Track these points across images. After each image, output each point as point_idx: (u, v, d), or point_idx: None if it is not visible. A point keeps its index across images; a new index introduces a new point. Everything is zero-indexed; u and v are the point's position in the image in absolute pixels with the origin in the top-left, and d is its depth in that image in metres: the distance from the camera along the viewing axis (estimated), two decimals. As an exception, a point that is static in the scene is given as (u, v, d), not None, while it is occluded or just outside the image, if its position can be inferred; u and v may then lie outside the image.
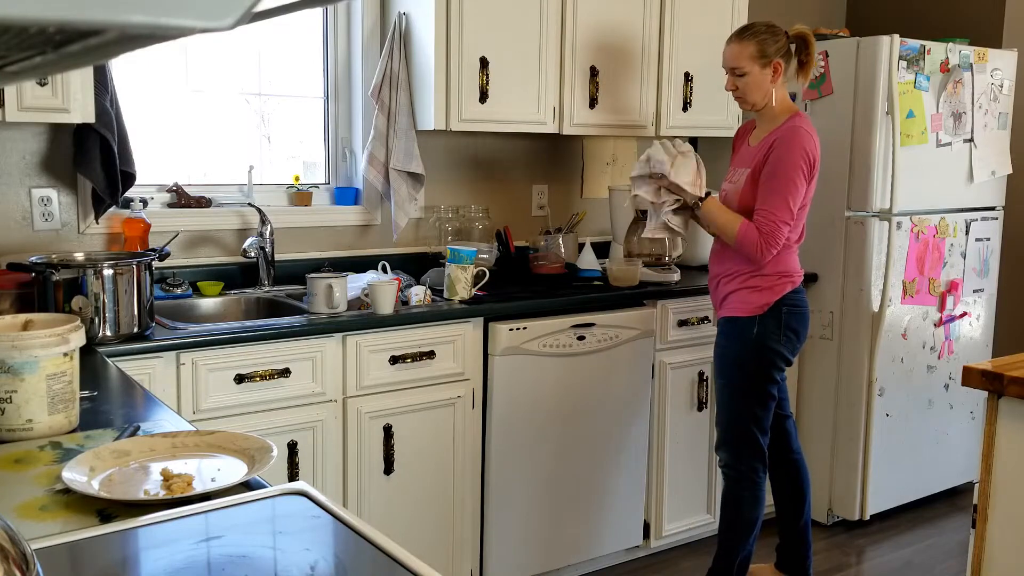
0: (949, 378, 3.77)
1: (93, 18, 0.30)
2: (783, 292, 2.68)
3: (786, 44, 2.67)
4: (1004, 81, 3.77)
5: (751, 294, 2.70)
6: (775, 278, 2.69)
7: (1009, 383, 1.83)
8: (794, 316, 2.72)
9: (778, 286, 2.69)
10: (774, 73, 2.65)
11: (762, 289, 2.69)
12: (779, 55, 2.64)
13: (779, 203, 2.59)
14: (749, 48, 2.64)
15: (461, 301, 2.76)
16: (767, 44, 2.63)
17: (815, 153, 2.64)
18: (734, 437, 2.78)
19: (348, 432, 2.56)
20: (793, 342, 2.74)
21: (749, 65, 2.64)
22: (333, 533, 1.10)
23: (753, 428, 2.77)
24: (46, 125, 2.58)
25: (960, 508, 3.79)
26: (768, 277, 2.69)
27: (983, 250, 3.82)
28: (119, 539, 1.08)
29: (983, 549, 1.91)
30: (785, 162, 2.59)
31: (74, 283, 2.17)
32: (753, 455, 2.78)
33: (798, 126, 2.62)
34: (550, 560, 3.00)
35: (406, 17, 2.97)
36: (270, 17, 0.39)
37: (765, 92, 2.66)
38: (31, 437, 1.47)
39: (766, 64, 2.63)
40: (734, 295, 2.73)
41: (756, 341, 2.69)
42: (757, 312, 2.69)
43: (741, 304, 2.71)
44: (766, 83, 2.65)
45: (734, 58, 2.67)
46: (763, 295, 2.69)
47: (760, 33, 2.65)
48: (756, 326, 2.69)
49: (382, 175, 3.02)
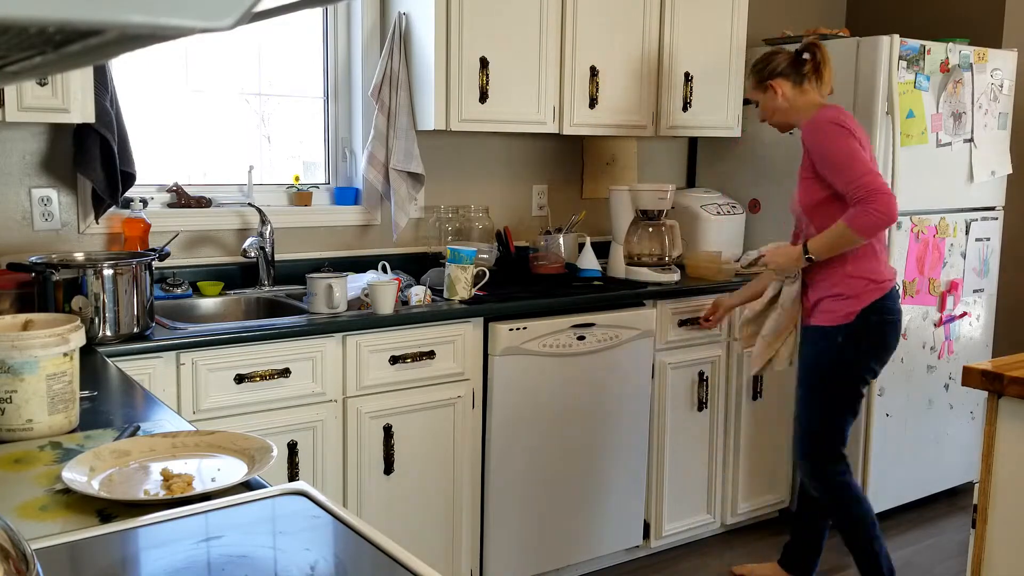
0: (949, 378, 3.77)
1: (93, 18, 0.30)
2: (870, 300, 2.61)
3: (787, 61, 2.77)
4: (1004, 81, 3.77)
5: (836, 302, 2.64)
6: (861, 284, 2.62)
7: (1009, 383, 1.83)
8: (884, 326, 2.64)
9: (865, 293, 2.62)
10: (775, 93, 2.77)
11: (848, 297, 2.62)
12: (774, 76, 2.77)
13: (846, 170, 2.54)
14: (751, 80, 2.87)
15: (461, 301, 2.76)
16: (760, 72, 2.80)
17: (844, 121, 2.62)
18: (812, 450, 2.72)
19: (348, 432, 2.56)
20: (882, 353, 2.66)
21: (755, 94, 2.86)
22: (333, 533, 1.10)
23: (833, 441, 2.71)
24: (46, 125, 2.58)
25: (960, 508, 3.79)
26: (853, 283, 2.62)
27: (983, 250, 3.82)
28: (119, 539, 1.08)
29: (983, 549, 1.91)
30: (823, 141, 2.61)
31: (74, 283, 2.17)
32: (834, 461, 2.72)
33: (819, 114, 2.68)
34: (550, 560, 3.00)
35: (406, 17, 2.97)
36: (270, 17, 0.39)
37: (780, 111, 2.79)
38: (31, 437, 1.47)
39: (765, 88, 2.79)
40: (821, 303, 2.67)
41: (842, 353, 2.62)
42: (843, 322, 2.62)
43: (826, 313, 2.65)
44: (774, 104, 2.79)
45: (747, 92, 2.93)
46: (848, 303, 2.62)
47: (756, 64, 2.84)
48: (842, 337, 2.62)
49: (382, 175, 3.02)
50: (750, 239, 3.73)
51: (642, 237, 3.29)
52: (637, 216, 3.29)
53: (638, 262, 3.27)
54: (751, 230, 3.74)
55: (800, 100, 2.76)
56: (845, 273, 2.63)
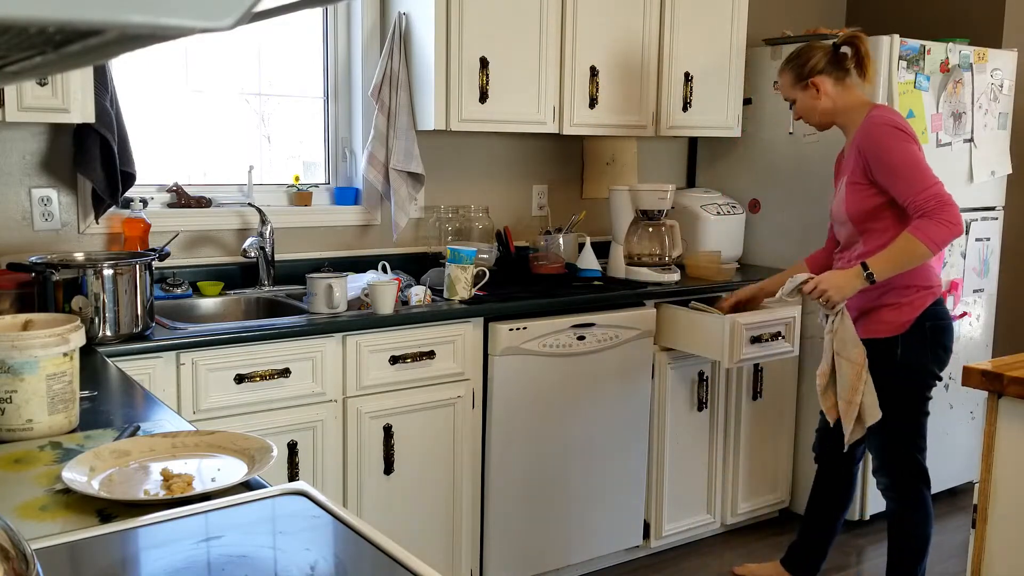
0: (949, 378, 3.77)
1: (93, 18, 0.30)
2: (924, 306, 2.54)
3: (827, 56, 2.66)
4: (1004, 81, 3.77)
5: (890, 312, 2.56)
6: (913, 291, 2.54)
7: (1009, 383, 1.83)
8: (940, 331, 2.57)
9: (918, 300, 2.54)
10: (817, 90, 2.66)
11: (901, 305, 2.55)
12: (816, 73, 2.65)
13: (915, 179, 2.44)
14: (788, 77, 2.72)
15: (461, 301, 2.76)
16: (800, 67, 2.67)
17: (903, 124, 2.54)
18: (890, 461, 2.65)
19: (348, 432, 2.56)
20: (942, 358, 2.60)
21: (792, 93, 2.72)
22: (333, 533, 1.10)
23: (910, 450, 2.62)
24: (46, 125, 2.58)
25: (960, 508, 3.79)
26: (906, 291, 2.54)
27: (983, 250, 3.82)
28: (119, 539, 1.08)
29: (983, 549, 1.91)
30: (888, 149, 2.49)
31: (74, 283, 2.17)
32: (914, 475, 2.63)
33: (874, 115, 2.57)
34: (550, 560, 3.00)
35: (406, 17, 2.97)
36: (270, 17, 0.39)
37: (820, 110, 2.68)
38: (31, 437, 1.47)
39: (805, 86, 2.67)
40: (872, 314, 2.58)
41: (902, 363, 2.55)
42: (899, 331, 2.55)
43: (880, 324, 2.57)
44: (814, 103, 2.67)
45: (782, 90, 2.76)
46: (903, 312, 2.55)
47: (793, 58, 2.71)
48: (900, 347, 2.55)
49: (382, 175, 3.02)
50: (750, 239, 3.73)
51: (642, 237, 3.29)
52: (637, 216, 3.29)
53: (638, 262, 3.27)
54: (751, 230, 3.74)
55: (845, 98, 2.65)
56: (897, 281, 2.52)
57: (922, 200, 2.43)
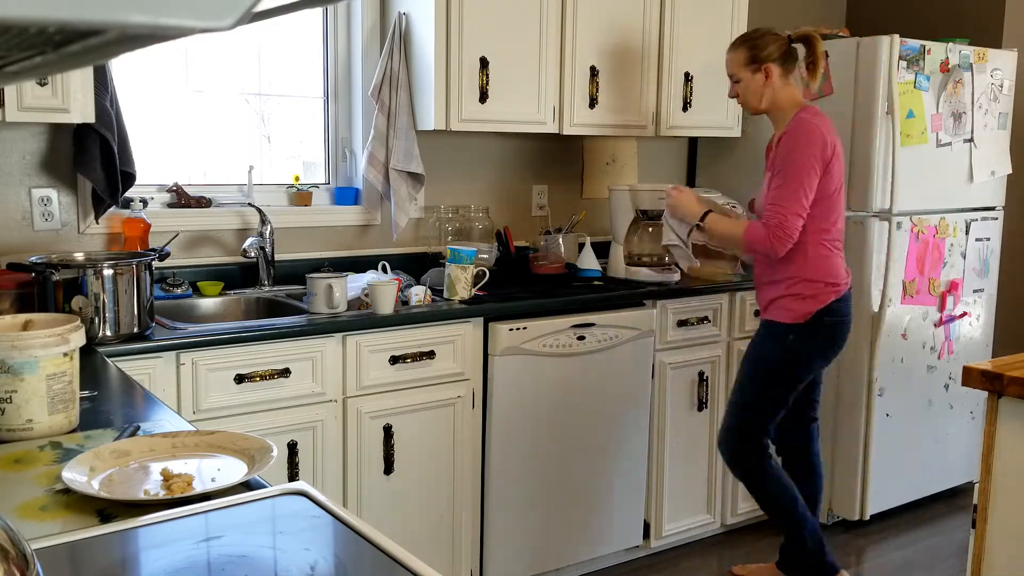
0: (949, 378, 3.77)
1: (93, 18, 0.30)
2: (827, 301, 2.66)
3: (782, 47, 2.71)
4: (1004, 81, 3.77)
5: (794, 302, 2.68)
6: (820, 286, 2.66)
7: (1009, 383, 1.83)
8: (835, 327, 2.70)
9: (822, 295, 2.66)
10: (766, 77, 2.70)
11: (806, 297, 2.67)
12: (772, 59, 2.70)
13: (787, 195, 2.59)
14: (741, 55, 2.74)
15: (461, 301, 2.76)
16: (757, 49, 2.71)
17: (824, 139, 2.62)
18: (735, 436, 2.80)
19: (348, 432, 2.56)
20: (829, 353, 2.73)
21: (741, 71, 2.74)
22: (333, 533, 1.10)
23: (757, 431, 2.78)
24: (46, 125, 2.58)
25: (960, 508, 3.79)
26: (813, 284, 2.66)
27: (983, 250, 3.82)
28: (119, 539, 1.08)
29: (983, 549, 1.91)
30: (792, 155, 2.61)
31: (74, 283, 2.17)
32: (754, 450, 2.79)
33: (801, 118, 2.66)
34: (550, 560, 3.00)
35: (406, 17, 2.97)
36: (270, 17, 0.39)
37: (761, 96, 2.73)
38: (31, 437, 1.47)
39: (757, 69, 2.71)
40: (778, 301, 2.72)
41: (791, 350, 2.69)
42: (798, 320, 2.67)
43: (782, 311, 2.70)
44: (759, 87, 2.72)
45: (729, 65, 2.78)
46: (806, 304, 2.67)
47: (751, 39, 2.74)
48: (793, 335, 2.68)
49: (382, 175, 3.02)
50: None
51: (642, 237, 3.29)
52: (637, 216, 3.29)
53: (638, 262, 3.27)
54: (751, 230, 3.74)
55: (783, 92, 2.73)
56: (805, 275, 2.67)
57: (771, 212, 2.60)
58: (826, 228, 2.68)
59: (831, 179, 2.65)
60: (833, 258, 2.70)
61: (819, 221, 2.66)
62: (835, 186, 2.67)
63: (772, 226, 2.60)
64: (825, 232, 2.68)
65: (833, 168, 2.65)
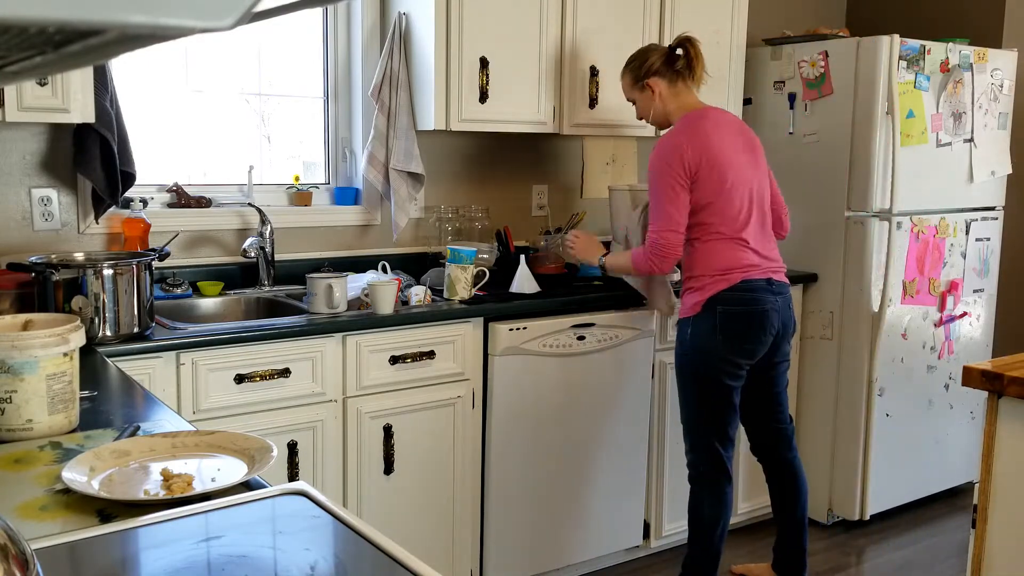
0: (949, 378, 3.77)
1: (93, 18, 0.30)
2: (714, 291, 2.63)
3: (662, 57, 2.74)
4: (1004, 81, 3.77)
5: (687, 295, 2.71)
6: (707, 279, 2.66)
7: (1009, 383, 1.83)
8: (736, 316, 2.63)
9: (708, 285, 2.64)
10: (653, 92, 2.75)
11: (694, 290, 2.68)
12: (652, 74, 2.74)
13: (657, 216, 2.64)
14: (627, 78, 2.82)
15: (461, 301, 2.76)
16: (636, 70, 2.77)
17: (681, 154, 2.59)
18: (690, 441, 2.77)
19: (348, 432, 2.56)
20: (734, 344, 2.64)
21: (632, 93, 2.82)
22: (333, 533, 1.10)
23: (707, 436, 2.71)
24: (46, 125, 2.58)
25: (960, 508, 3.79)
26: (700, 278, 2.67)
27: (983, 250, 3.82)
28: (119, 539, 1.08)
29: (983, 549, 1.91)
30: (650, 179, 2.67)
31: (74, 283, 2.17)
32: (710, 462, 2.73)
33: (668, 133, 2.70)
34: (550, 560, 3.00)
35: (406, 17, 2.97)
36: (270, 17, 0.39)
37: (656, 112, 2.77)
38: (31, 437, 1.47)
39: (643, 88, 2.76)
40: (680, 296, 2.78)
41: (691, 343, 2.67)
42: (691, 313, 2.68)
43: (682, 309, 2.73)
44: (650, 103, 2.77)
45: (624, 92, 2.86)
46: (694, 295, 2.68)
47: (632, 60, 2.80)
48: (690, 328, 2.68)
49: (382, 175, 3.02)
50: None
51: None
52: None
53: (638, 262, 3.26)
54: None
55: (674, 102, 2.74)
56: (694, 271, 2.68)
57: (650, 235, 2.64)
58: (723, 223, 2.63)
59: (709, 183, 2.60)
60: (724, 250, 2.64)
61: (716, 220, 2.63)
62: (722, 186, 2.61)
63: (649, 246, 2.64)
64: (719, 226, 2.63)
65: (707, 175, 2.60)
